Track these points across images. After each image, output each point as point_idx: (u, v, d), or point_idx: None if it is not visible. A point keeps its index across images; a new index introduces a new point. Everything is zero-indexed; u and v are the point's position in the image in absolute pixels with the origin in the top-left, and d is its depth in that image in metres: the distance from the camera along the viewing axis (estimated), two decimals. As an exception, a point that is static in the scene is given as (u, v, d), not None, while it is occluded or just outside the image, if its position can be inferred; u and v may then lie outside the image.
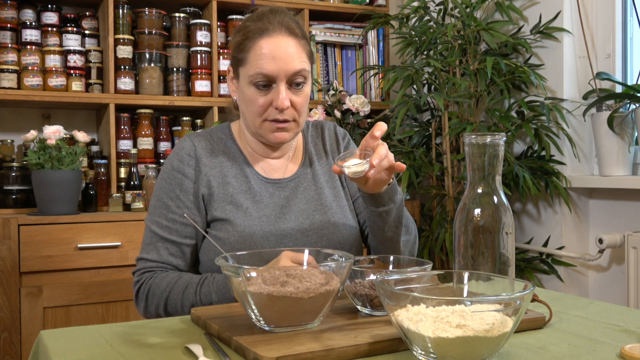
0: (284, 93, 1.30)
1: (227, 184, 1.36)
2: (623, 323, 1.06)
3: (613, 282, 2.50)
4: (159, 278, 1.30)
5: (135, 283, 1.33)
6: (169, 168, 1.37)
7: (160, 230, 1.34)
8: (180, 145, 1.40)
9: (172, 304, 1.27)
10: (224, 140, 1.43)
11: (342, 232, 1.40)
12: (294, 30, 1.33)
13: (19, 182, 2.54)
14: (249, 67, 1.31)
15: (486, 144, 0.99)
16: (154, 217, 1.35)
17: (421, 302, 0.83)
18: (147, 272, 1.33)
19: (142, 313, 1.33)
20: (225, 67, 2.89)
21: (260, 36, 1.30)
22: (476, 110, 2.62)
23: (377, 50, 3.22)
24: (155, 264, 1.33)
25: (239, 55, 1.33)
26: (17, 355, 2.23)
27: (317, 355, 0.86)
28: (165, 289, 1.27)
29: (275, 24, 1.31)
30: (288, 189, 1.41)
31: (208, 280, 1.26)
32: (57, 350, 0.94)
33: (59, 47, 2.68)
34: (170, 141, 2.91)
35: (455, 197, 2.61)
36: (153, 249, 1.34)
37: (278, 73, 1.29)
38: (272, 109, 1.32)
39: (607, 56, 2.53)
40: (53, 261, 2.28)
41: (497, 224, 1.00)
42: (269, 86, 1.31)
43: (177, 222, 1.33)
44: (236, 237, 1.31)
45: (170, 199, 1.34)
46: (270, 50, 1.29)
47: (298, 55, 1.32)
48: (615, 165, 2.39)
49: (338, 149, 1.52)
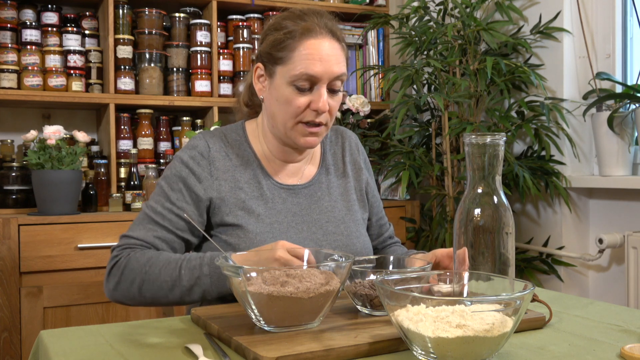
0: (326, 96, 1.28)
1: (240, 189, 1.34)
2: (623, 323, 1.06)
3: (613, 282, 2.50)
4: (140, 253, 1.24)
5: (112, 258, 1.26)
6: (179, 161, 1.34)
7: (153, 215, 1.29)
8: (194, 142, 1.37)
9: (149, 281, 1.20)
10: (238, 142, 1.40)
11: (356, 245, 1.39)
12: (337, 33, 1.32)
13: (19, 182, 2.53)
14: (291, 66, 1.27)
15: (486, 144, 0.99)
16: (151, 202, 1.32)
17: (421, 302, 0.83)
18: (127, 249, 1.27)
19: (111, 291, 1.25)
20: (225, 67, 2.89)
21: (306, 36, 1.28)
22: (476, 110, 2.62)
23: (377, 50, 3.22)
24: (140, 242, 1.27)
25: (278, 54, 1.29)
26: (17, 355, 2.23)
27: (317, 355, 0.86)
28: (146, 263, 1.21)
29: (321, 25, 1.29)
30: (302, 196, 1.39)
31: (194, 255, 1.21)
32: (57, 350, 0.94)
33: (59, 47, 2.68)
34: (170, 141, 2.91)
35: (455, 197, 2.61)
36: (142, 229, 1.29)
37: (322, 75, 1.27)
38: (309, 111, 1.29)
39: (607, 56, 2.53)
40: (53, 261, 2.28)
41: (497, 224, 1.00)
42: (308, 88, 1.29)
43: (172, 213, 1.30)
44: (247, 244, 1.28)
45: (172, 190, 1.32)
46: (317, 51, 1.27)
47: (341, 59, 1.31)
48: (615, 165, 2.39)
49: (358, 164, 1.51)
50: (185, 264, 1.20)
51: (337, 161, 1.48)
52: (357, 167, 1.50)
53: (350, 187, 1.47)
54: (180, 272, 1.19)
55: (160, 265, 1.21)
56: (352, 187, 1.47)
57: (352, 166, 1.50)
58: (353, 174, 1.49)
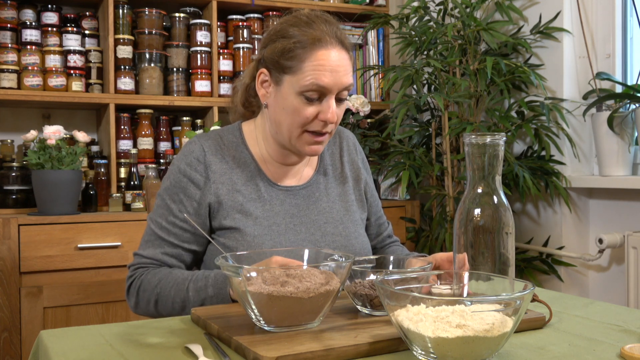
0: (334, 107, 1.28)
1: (237, 192, 1.34)
2: (623, 323, 1.06)
3: (613, 282, 2.50)
4: (151, 274, 1.29)
5: (128, 278, 1.33)
6: (176, 170, 1.35)
7: (159, 231, 1.33)
8: (189, 148, 1.36)
9: (162, 301, 1.26)
10: (234, 144, 1.39)
11: (354, 245, 1.39)
12: (345, 43, 1.31)
13: (19, 182, 2.54)
14: (301, 76, 1.26)
15: (486, 144, 0.99)
16: (155, 217, 1.35)
17: (421, 302, 0.83)
18: (140, 268, 1.32)
19: (133, 308, 1.33)
20: (225, 67, 2.89)
21: (317, 47, 1.26)
22: (476, 110, 2.62)
23: (377, 50, 3.22)
24: (150, 260, 1.32)
25: (286, 63, 1.28)
26: (17, 355, 2.23)
27: (317, 355, 0.86)
28: (157, 285, 1.27)
29: (330, 34, 1.28)
30: (299, 197, 1.39)
31: (200, 275, 1.24)
32: (57, 350, 0.94)
33: (59, 47, 2.68)
34: (170, 141, 2.91)
35: (455, 197, 2.61)
36: (150, 246, 1.33)
37: (332, 87, 1.27)
38: (317, 121, 1.29)
39: (607, 56, 2.53)
40: (53, 261, 2.28)
41: (497, 224, 1.00)
42: (318, 98, 1.28)
43: (176, 226, 1.32)
44: (245, 247, 1.29)
45: (173, 201, 1.33)
46: (328, 62, 1.26)
47: (349, 69, 1.31)
48: (615, 165, 2.39)
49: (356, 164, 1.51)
50: (191, 285, 1.23)
51: (335, 162, 1.48)
52: (355, 167, 1.50)
53: (349, 188, 1.47)
54: (188, 293, 1.23)
55: (170, 287, 1.25)
56: (351, 188, 1.47)
57: (350, 166, 1.49)
58: (351, 174, 1.49)
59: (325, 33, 1.28)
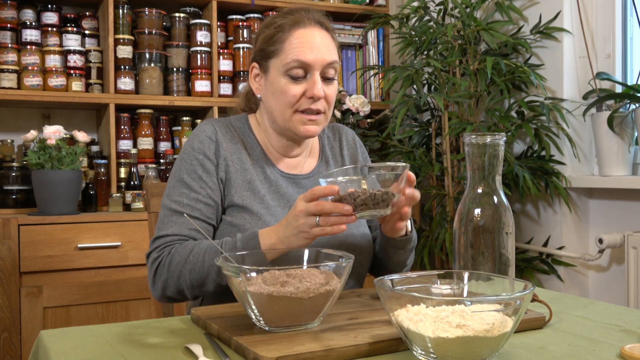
0: (320, 83, 1.30)
1: (246, 170, 1.36)
2: (623, 323, 1.06)
3: (613, 282, 2.50)
4: (182, 247, 1.24)
5: (153, 261, 1.27)
6: (190, 149, 1.35)
7: (181, 208, 1.29)
8: (201, 128, 1.38)
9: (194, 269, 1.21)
10: (242, 129, 1.42)
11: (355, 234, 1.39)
12: (326, 24, 1.35)
13: (19, 182, 2.54)
14: (283, 56, 1.30)
15: (486, 144, 0.99)
16: (174, 197, 1.31)
17: (421, 302, 0.83)
18: (167, 246, 1.27)
19: (160, 292, 1.26)
20: (225, 67, 2.90)
21: (295, 27, 1.31)
22: (476, 110, 2.62)
23: (377, 50, 3.22)
24: (177, 237, 1.27)
25: (270, 48, 1.33)
26: (17, 355, 2.23)
27: (317, 355, 0.86)
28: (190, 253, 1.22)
29: (309, 17, 1.33)
30: (303, 186, 1.41)
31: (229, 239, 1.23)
32: (57, 350, 0.94)
33: (59, 47, 2.68)
34: (170, 141, 2.91)
35: (455, 197, 2.61)
36: (173, 225, 1.28)
37: (314, 62, 1.29)
38: (305, 99, 1.31)
39: (607, 56, 2.53)
40: (53, 261, 2.28)
41: (497, 224, 1.00)
42: (302, 77, 1.30)
43: (200, 202, 1.30)
44: (252, 225, 1.30)
45: (193, 179, 1.32)
46: (307, 39, 1.30)
47: (332, 47, 1.34)
48: (615, 165, 2.39)
49: (357, 158, 1.52)
50: (224, 246, 1.21)
51: (336, 155, 1.50)
52: (355, 161, 1.52)
53: None
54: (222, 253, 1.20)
55: (203, 252, 1.22)
56: None
57: (350, 160, 1.51)
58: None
59: (304, 16, 1.33)
